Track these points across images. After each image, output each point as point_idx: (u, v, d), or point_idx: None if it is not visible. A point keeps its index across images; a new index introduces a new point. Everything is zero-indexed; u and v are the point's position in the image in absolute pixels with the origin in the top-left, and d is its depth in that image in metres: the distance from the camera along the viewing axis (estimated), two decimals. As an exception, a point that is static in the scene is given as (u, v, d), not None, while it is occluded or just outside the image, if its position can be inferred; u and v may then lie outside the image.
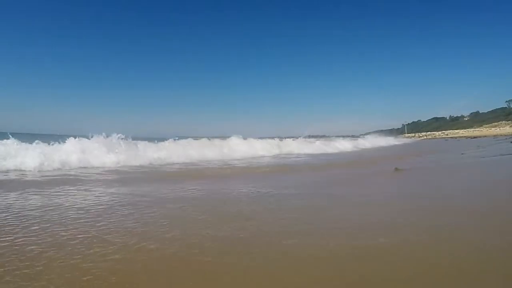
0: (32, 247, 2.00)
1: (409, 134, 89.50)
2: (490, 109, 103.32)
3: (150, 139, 9.93)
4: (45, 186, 4.52)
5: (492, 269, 1.60)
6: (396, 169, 5.59)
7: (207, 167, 7.50)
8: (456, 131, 74.83)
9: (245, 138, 11.98)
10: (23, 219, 2.66)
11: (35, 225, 2.47)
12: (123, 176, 5.79)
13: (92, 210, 2.98)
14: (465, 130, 75.11)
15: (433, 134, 75.28)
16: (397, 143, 29.16)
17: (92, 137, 8.27)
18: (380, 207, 2.97)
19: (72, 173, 6.22)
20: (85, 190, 4.26)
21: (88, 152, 7.58)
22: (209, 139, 10.82)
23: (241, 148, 10.28)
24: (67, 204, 3.24)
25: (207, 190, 4.21)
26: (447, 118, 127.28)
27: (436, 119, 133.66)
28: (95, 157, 7.45)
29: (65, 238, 2.18)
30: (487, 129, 67.43)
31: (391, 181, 4.84)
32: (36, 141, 7.54)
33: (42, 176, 5.62)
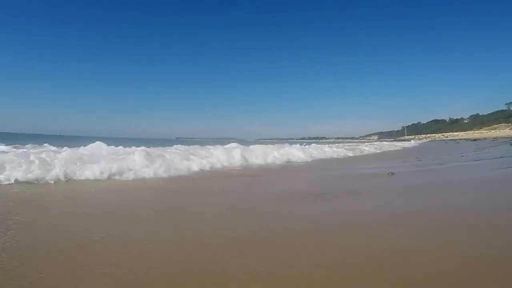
0: None
1: (409, 136, 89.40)
2: (490, 112, 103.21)
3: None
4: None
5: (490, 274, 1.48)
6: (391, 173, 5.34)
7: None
8: (456, 133, 74.77)
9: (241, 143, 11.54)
10: None
11: None
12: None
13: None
14: (465, 132, 75.04)
15: (433, 136, 75.25)
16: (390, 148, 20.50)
17: None
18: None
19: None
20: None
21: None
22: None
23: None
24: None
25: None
26: (447, 120, 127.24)
27: (436, 121, 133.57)
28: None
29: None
30: (487, 131, 67.33)
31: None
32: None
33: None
